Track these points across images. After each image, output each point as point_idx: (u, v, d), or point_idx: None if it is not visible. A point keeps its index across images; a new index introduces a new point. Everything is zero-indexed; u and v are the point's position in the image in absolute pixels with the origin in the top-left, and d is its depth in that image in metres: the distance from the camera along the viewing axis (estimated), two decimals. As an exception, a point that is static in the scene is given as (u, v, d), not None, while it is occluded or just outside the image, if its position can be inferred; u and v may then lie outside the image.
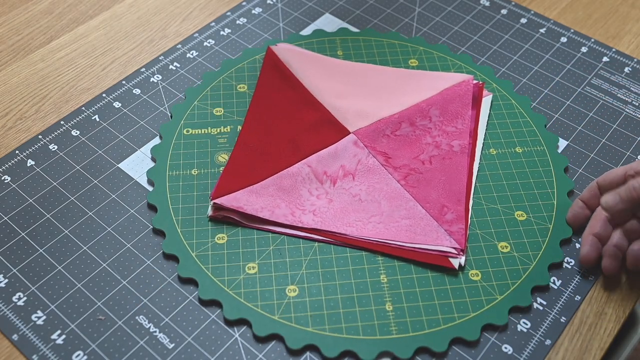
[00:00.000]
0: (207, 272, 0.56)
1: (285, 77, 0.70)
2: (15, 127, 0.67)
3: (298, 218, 0.58)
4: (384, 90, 0.69)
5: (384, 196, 0.60)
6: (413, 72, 0.71)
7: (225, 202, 0.59)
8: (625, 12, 0.81)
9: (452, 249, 0.57)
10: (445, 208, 0.59)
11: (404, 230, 0.58)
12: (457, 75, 0.70)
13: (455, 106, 0.67)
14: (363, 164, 0.63)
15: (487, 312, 0.54)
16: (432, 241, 0.57)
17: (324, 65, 0.71)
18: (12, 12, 0.79)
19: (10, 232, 0.59)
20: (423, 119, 0.66)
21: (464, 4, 0.81)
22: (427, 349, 0.52)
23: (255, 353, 0.52)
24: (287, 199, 0.60)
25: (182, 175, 0.62)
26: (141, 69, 0.72)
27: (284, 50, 0.72)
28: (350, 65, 0.72)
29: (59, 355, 0.52)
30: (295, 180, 0.61)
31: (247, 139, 0.64)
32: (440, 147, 0.64)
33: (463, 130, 0.65)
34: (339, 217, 0.59)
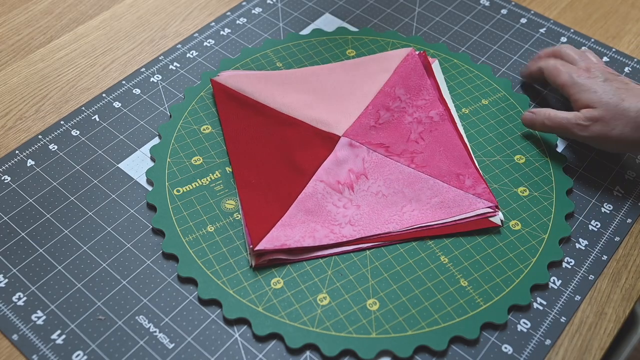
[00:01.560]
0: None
1: (244, 103, 0.67)
2: (15, 127, 0.67)
3: (339, 234, 0.57)
4: (343, 87, 0.69)
5: (404, 184, 0.61)
6: (357, 61, 0.71)
7: (268, 245, 0.56)
8: (625, 12, 0.81)
9: (488, 209, 0.59)
10: (460, 176, 0.61)
11: (438, 209, 0.59)
12: (399, 52, 0.71)
13: (414, 80, 0.69)
14: (368, 161, 0.63)
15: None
16: (467, 209, 0.59)
17: (275, 80, 0.69)
18: (12, 12, 0.79)
19: (10, 232, 0.59)
20: (394, 101, 0.67)
21: (464, 4, 0.81)
22: (517, 306, 0.55)
23: (255, 353, 0.52)
24: (320, 220, 0.58)
25: (200, 237, 0.58)
26: (141, 69, 0.72)
27: (229, 78, 0.69)
28: (299, 73, 0.70)
29: (59, 355, 0.52)
30: (316, 199, 0.59)
31: (244, 177, 0.61)
32: (422, 121, 0.66)
33: (432, 100, 0.68)
34: (374, 218, 0.59)
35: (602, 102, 0.59)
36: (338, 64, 0.71)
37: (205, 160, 0.63)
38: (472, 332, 0.53)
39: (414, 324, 0.53)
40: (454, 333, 0.53)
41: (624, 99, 0.59)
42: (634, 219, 0.61)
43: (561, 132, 0.62)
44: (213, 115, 0.67)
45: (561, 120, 0.62)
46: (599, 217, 0.61)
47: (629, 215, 0.61)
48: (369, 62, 0.71)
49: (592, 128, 0.60)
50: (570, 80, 0.63)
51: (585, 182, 0.64)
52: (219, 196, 0.61)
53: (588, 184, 0.63)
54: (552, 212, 0.61)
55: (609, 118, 0.59)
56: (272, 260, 0.56)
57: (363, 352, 0.52)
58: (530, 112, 0.65)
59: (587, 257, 0.58)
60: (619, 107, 0.59)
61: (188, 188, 0.61)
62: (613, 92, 0.60)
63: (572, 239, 0.60)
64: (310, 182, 0.60)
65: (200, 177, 0.62)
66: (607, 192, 0.63)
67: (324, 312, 0.54)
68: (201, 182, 0.62)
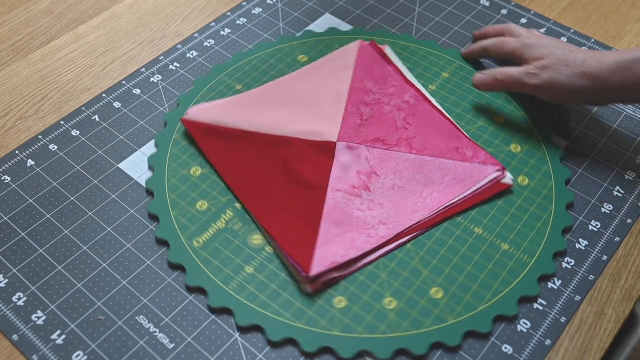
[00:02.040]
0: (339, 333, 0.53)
1: (225, 134, 0.64)
2: (15, 127, 0.67)
3: (376, 236, 0.58)
4: (313, 93, 0.68)
5: (413, 171, 0.62)
6: (314, 64, 0.71)
7: (320, 267, 0.55)
8: (625, 12, 0.81)
9: (497, 172, 0.62)
10: (459, 149, 0.63)
11: (453, 185, 0.61)
12: (350, 47, 0.72)
13: (377, 70, 0.70)
14: (371, 158, 0.63)
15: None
16: (479, 178, 0.61)
17: (244, 103, 0.67)
18: (12, 12, 0.79)
19: (10, 232, 0.59)
20: (367, 94, 0.68)
21: (464, 4, 0.81)
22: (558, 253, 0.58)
23: (255, 353, 0.52)
24: (353, 228, 0.58)
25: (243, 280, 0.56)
26: (141, 69, 0.72)
27: (198, 113, 0.65)
28: (264, 90, 0.68)
29: (59, 355, 0.52)
30: (340, 209, 0.59)
31: (260, 209, 0.59)
32: (401, 107, 0.67)
33: (400, 84, 0.69)
34: (401, 212, 0.59)
35: (551, 52, 0.64)
36: (297, 72, 0.70)
37: (211, 203, 0.60)
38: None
39: (480, 298, 0.55)
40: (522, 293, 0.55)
41: (572, 50, 0.64)
42: (634, 219, 0.61)
43: (512, 85, 0.65)
44: (197, 155, 0.64)
45: (512, 72, 0.65)
46: (599, 217, 0.61)
47: (629, 215, 0.61)
48: (327, 63, 0.71)
49: (542, 75, 0.63)
50: (519, 43, 0.67)
51: (585, 182, 0.64)
52: (242, 235, 0.58)
53: (588, 184, 0.63)
54: (547, 159, 0.64)
55: (558, 65, 0.63)
56: (326, 282, 0.55)
57: (450, 340, 0.52)
58: (480, 73, 0.68)
59: (587, 257, 0.58)
60: (567, 56, 0.63)
61: (207, 236, 0.58)
62: (561, 45, 0.65)
63: (572, 239, 0.60)
64: (327, 195, 0.60)
65: (214, 221, 0.59)
66: (607, 192, 0.63)
67: (397, 315, 0.54)
68: (217, 226, 0.59)
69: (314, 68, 0.71)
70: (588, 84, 0.61)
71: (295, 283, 0.55)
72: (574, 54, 0.63)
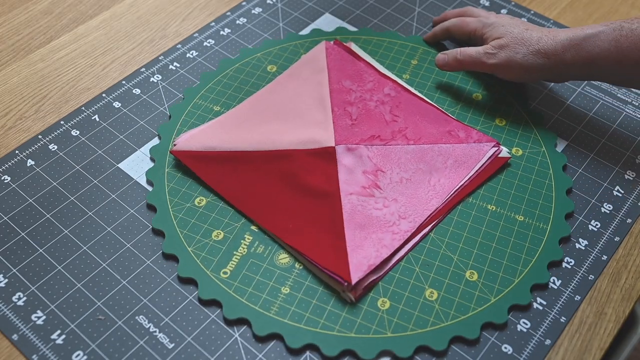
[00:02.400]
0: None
1: (220, 159, 0.63)
2: (15, 127, 0.67)
3: (401, 231, 0.58)
4: (293, 102, 0.67)
5: (416, 161, 0.63)
6: (287, 73, 0.70)
7: (359, 274, 0.55)
8: (625, 12, 0.81)
9: (493, 148, 0.63)
10: (451, 132, 0.65)
11: (457, 168, 0.62)
12: (317, 49, 0.72)
13: (350, 68, 0.71)
14: (373, 156, 0.63)
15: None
16: (478, 157, 0.63)
17: (230, 124, 0.66)
18: (12, 12, 0.79)
19: (10, 232, 0.59)
20: (348, 94, 0.68)
21: (464, 4, 0.81)
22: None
23: (255, 353, 0.52)
24: (377, 228, 0.58)
25: (273, 300, 0.55)
26: (141, 69, 0.72)
27: (187, 142, 0.64)
28: (245, 107, 0.67)
29: (59, 355, 0.52)
30: (359, 212, 0.59)
31: (279, 226, 0.58)
32: (385, 101, 0.68)
33: (377, 79, 0.70)
34: (417, 204, 0.60)
35: (508, 32, 0.66)
36: (272, 83, 0.69)
37: (226, 231, 0.58)
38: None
39: (513, 272, 0.57)
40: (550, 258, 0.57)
41: (528, 29, 0.65)
42: (634, 219, 0.61)
43: (472, 64, 0.67)
44: (197, 186, 0.61)
45: (471, 53, 0.67)
46: (599, 217, 0.61)
47: (629, 215, 0.61)
48: (299, 70, 0.71)
49: (500, 55, 0.65)
50: (480, 23, 0.69)
51: (585, 182, 0.64)
52: (267, 257, 0.57)
53: (588, 184, 0.63)
54: (531, 126, 0.67)
55: (514, 44, 0.64)
56: (366, 287, 0.55)
57: (498, 318, 0.54)
58: (441, 54, 0.70)
59: (587, 257, 0.58)
60: (523, 35, 0.65)
61: (232, 266, 0.56)
62: (518, 24, 0.66)
63: (572, 239, 0.60)
64: (342, 200, 0.59)
65: (235, 249, 0.57)
66: (607, 192, 0.63)
67: (441, 304, 0.55)
68: (240, 252, 0.57)
69: (288, 76, 0.70)
70: (544, 61, 0.63)
71: (336, 294, 0.55)
72: (529, 32, 0.65)
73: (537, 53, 0.63)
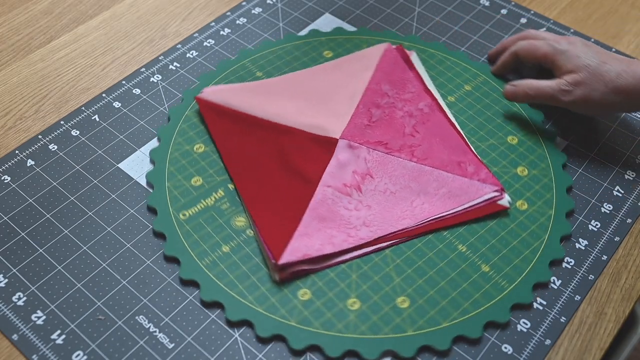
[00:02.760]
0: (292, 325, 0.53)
1: (235, 118, 0.66)
2: (15, 127, 0.67)
3: (356, 236, 0.57)
4: (329, 89, 0.69)
5: (409, 179, 0.61)
6: (338, 62, 0.71)
7: (291, 257, 0.55)
8: (625, 12, 0.81)
9: (494, 193, 0.60)
10: (462, 164, 0.62)
11: (447, 199, 0.60)
12: (376, 48, 0.72)
13: (397, 74, 0.69)
14: (370, 160, 0.63)
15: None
16: (474, 196, 0.60)
17: (260, 90, 0.68)
18: (12, 12, 0.79)
19: (10, 232, 0.59)
20: (382, 97, 0.67)
21: (464, 4, 0.81)
22: (540, 284, 0.56)
23: (255, 353, 0.52)
24: (335, 225, 0.58)
25: (217, 258, 0.57)
26: (141, 69, 0.72)
27: (214, 93, 0.67)
28: (282, 80, 0.69)
29: (59, 355, 0.52)
30: (327, 205, 0.59)
31: (250, 192, 0.60)
32: (413, 114, 0.66)
33: (418, 92, 0.68)
34: (387, 217, 0.59)
35: (584, 65, 0.62)
36: (319, 66, 0.71)
37: (206, 180, 0.62)
38: (503, 315, 0.54)
39: (447, 315, 0.54)
40: (489, 318, 0.54)
41: (605, 62, 0.62)
42: (634, 219, 0.61)
43: (544, 99, 0.64)
44: (204, 133, 0.65)
45: (544, 88, 0.64)
46: (599, 217, 0.61)
47: (629, 215, 0.61)
48: (349, 62, 0.71)
49: (575, 92, 0.62)
50: (551, 49, 0.65)
51: (585, 182, 0.64)
52: (227, 215, 0.59)
53: (588, 184, 0.63)
54: (553, 187, 0.62)
55: (591, 81, 0.61)
56: (295, 272, 0.55)
57: (403, 351, 0.52)
58: (511, 85, 0.67)
59: (587, 257, 0.58)
60: (600, 70, 0.61)
61: (194, 211, 0.59)
62: (594, 55, 0.62)
63: (572, 239, 0.60)
64: (318, 189, 0.60)
65: (204, 197, 0.60)
66: (607, 192, 0.63)
67: (357, 317, 0.54)
68: (206, 202, 0.60)
69: (335, 65, 0.71)
70: (622, 98, 0.61)
71: (267, 269, 0.56)
72: (607, 65, 0.61)
73: (616, 90, 0.60)
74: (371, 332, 0.53)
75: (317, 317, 0.53)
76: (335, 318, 0.53)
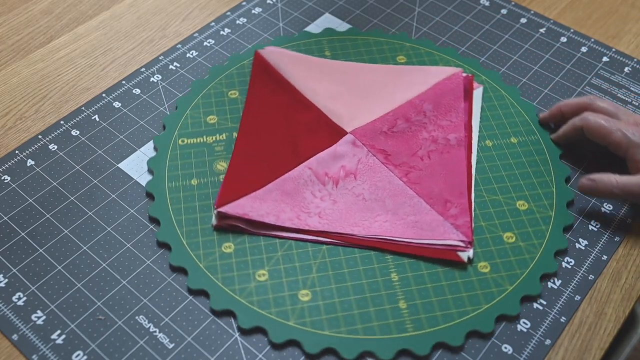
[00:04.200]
0: (217, 281, 0.55)
1: (276, 80, 0.69)
2: (15, 127, 0.67)
3: (304, 221, 0.58)
4: (376, 88, 0.69)
5: (388, 194, 0.60)
6: (403, 68, 0.71)
7: (230, 210, 0.58)
8: (625, 12, 0.81)
9: (460, 242, 0.57)
10: (448, 203, 0.59)
11: (411, 227, 0.58)
12: (447, 69, 0.70)
13: (448, 99, 0.67)
14: (364, 163, 0.62)
15: (499, 304, 0.54)
16: (439, 236, 0.57)
17: (314, 66, 0.71)
18: (12, 12, 0.79)
19: (10, 232, 0.59)
20: (417, 114, 0.66)
21: (464, 4, 0.81)
22: (445, 344, 0.53)
23: (255, 353, 0.52)
24: (292, 203, 0.59)
25: (181, 186, 0.61)
26: (141, 69, 0.72)
27: (272, 53, 0.71)
28: (340, 65, 0.71)
29: (59, 355, 0.52)
30: (297, 183, 0.60)
31: (245, 145, 0.64)
32: (437, 141, 0.64)
33: (458, 123, 0.66)
34: (344, 217, 0.59)
35: None
36: (383, 66, 0.71)
37: (219, 121, 0.66)
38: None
39: (332, 326, 0.53)
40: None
41: None
42: (634, 219, 0.61)
43: (632, 198, 0.59)
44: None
45: (632, 188, 0.58)
46: (599, 217, 0.61)
47: (629, 215, 0.61)
48: (414, 73, 0.70)
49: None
50: (625, 139, 0.60)
51: (585, 182, 0.64)
52: (215, 156, 0.63)
53: (588, 184, 0.63)
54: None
55: None
56: (231, 226, 0.58)
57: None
58: (589, 180, 0.60)
59: (587, 257, 0.58)
60: None
61: (193, 141, 0.64)
62: None
63: (572, 239, 0.60)
64: (299, 166, 0.61)
65: (208, 134, 0.65)
66: (607, 192, 0.63)
67: (259, 288, 0.55)
68: (206, 139, 0.65)
69: (399, 71, 0.71)
70: None
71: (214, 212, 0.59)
72: None
73: None
74: (259, 307, 0.54)
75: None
76: (239, 281, 0.55)
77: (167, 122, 0.66)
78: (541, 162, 0.64)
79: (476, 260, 0.57)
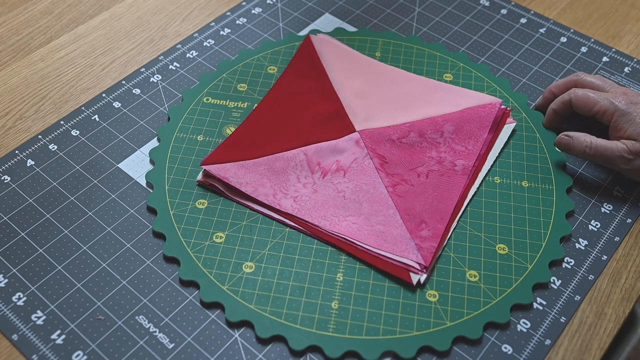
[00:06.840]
0: (178, 231, 0.58)
1: (314, 67, 0.71)
2: (15, 127, 0.67)
3: (278, 201, 0.60)
4: (406, 98, 0.68)
5: (368, 198, 0.60)
6: (442, 85, 0.69)
7: (213, 170, 0.61)
8: (625, 12, 0.81)
9: (416, 264, 0.56)
10: (424, 224, 0.58)
11: (375, 235, 0.57)
12: (487, 97, 0.68)
13: (472, 126, 0.65)
14: (358, 163, 0.63)
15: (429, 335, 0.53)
16: (399, 252, 0.56)
17: (356, 62, 0.72)
18: (12, 12, 0.79)
19: (10, 232, 0.59)
20: (434, 132, 0.65)
21: (464, 4, 0.81)
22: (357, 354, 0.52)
23: (255, 353, 0.52)
24: (274, 180, 0.61)
25: (187, 138, 0.65)
26: (141, 69, 0.72)
27: (321, 40, 0.73)
28: (383, 68, 0.71)
29: (59, 355, 0.52)
30: (287, 164, 0.62)
31: (256, 117, 0.66)
32: (443, 163, 0.63)
33: (472, 152, 0.63)
34: (317, 208, 0.59)
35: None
36: (423, 78, 0.70)
37: (248, 90, 0.69)
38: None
39: (260, 302, 0.54)
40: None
41: None
42: (634, 219, 0.61)
43: (602, 161, 0.61)
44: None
45: (604, 152, 0.60)
46: (599, 217, 0.61)
47: (629, 215, 0.61)
48: (450, 92, 0.69)
49: (635, 163, 0.59)
50: (612, 107, 0.61)
51: (585, 182, 0.64)
52: (230, 121, 0.66)
53: (588, 184, 0.63)
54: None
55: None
56: (212, 186, 0.61)
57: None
58: (566, 136, 0.62)
59: (587, 257, 0.58)
60: None
61: (221, 102, 0.68)
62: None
63: (572, 239, 0.60)
64: (296, 149, 0.63)
65: (237, 100, 0.68)
66: (607, 192, 0.63)
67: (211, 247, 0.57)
68: (232, 104, 0.68)
69: (436, 87, 0.69)
70: None
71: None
72: None
73: None
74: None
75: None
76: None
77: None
78: (543, 213, 0.60)
79: (427, 287, 0.55)
